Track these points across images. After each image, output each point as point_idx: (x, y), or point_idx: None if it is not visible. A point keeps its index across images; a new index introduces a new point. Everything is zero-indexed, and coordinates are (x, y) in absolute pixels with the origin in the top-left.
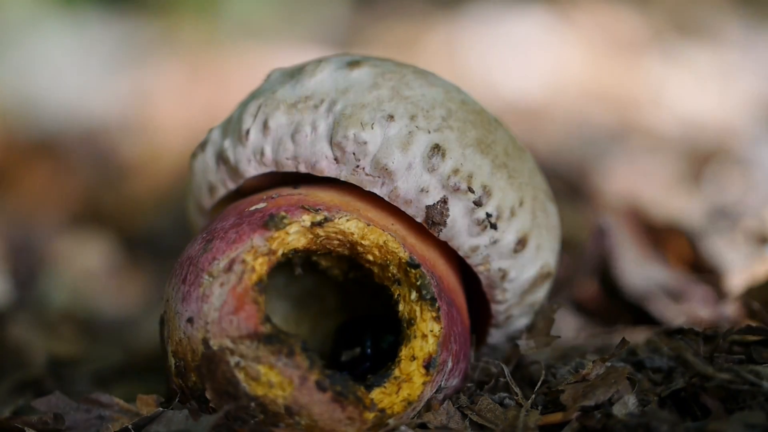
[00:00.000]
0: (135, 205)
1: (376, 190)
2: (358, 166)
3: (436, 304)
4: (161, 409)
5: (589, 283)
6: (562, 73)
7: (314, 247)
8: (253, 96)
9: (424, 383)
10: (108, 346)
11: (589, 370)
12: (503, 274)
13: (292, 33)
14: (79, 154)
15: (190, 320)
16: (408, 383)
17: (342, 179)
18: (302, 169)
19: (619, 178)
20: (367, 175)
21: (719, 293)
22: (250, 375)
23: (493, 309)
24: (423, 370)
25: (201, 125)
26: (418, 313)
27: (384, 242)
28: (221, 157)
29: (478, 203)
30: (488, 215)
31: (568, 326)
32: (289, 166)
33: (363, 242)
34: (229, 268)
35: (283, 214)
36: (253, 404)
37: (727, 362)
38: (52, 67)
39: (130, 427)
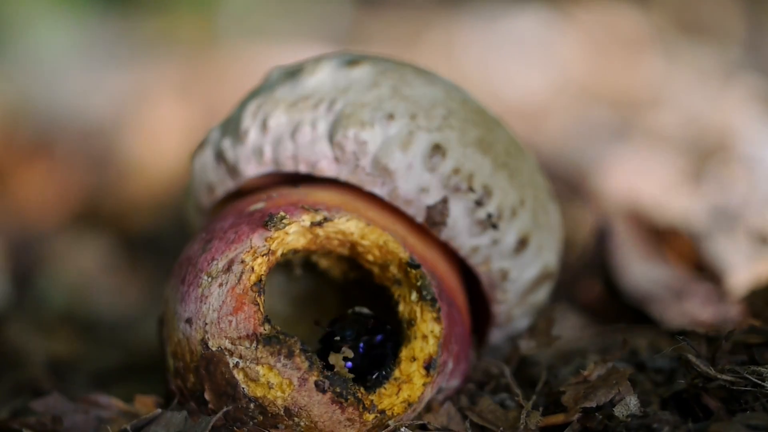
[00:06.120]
0: (134, 205)
1: (376, 190)
2: (358, 166)
3: (437, 305)
4: (160, 410)
5: (591, 283)
6: (562, 72)
7: (314, 247)
8: (253, 95)
9: (424, 384)
10: (107, 346)
11: (591, 371)
12: (504, 275)
13: (291, 31)
14: (77, 154)
15: (188, 321)
16: (408, 384)
17: (342, 179)
18: (302, 168)
19: (619, 178)
20: (367, 174)
21: (721, 293)
22: (249, 376)
23: (494, 309)
24: (423, 371)
25: (200, 125)
26: (418, 314)
27: (384, 242)
28: (220, 157)
29: (478, 203)
30: (489, 215)
31: (569, 327)
32: (288, 166)
33: (363, 242)
34: (227, 269)
35: (282, 214)
36: (252, 405)
37: (729, 363)
38: (50, 67)
39: (128, 428)
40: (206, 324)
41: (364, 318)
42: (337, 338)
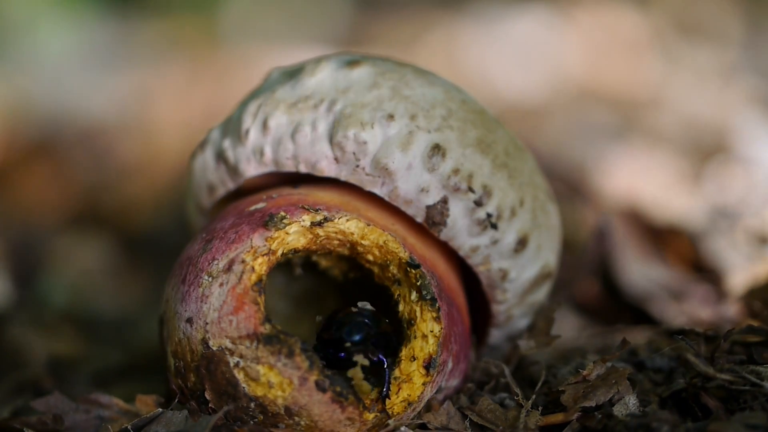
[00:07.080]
0: (134, 205)
1: (376, 190)
2: (358, 166)
3: (437, 305)
4: (160, 409)
5: (590, 283)
6: (562, 73)
7: (314, 247)
8: (253, 95)
9: (424, 384)
10: (108, 346)
11: (590, 371)
12: (504, 274)
13: (292, 32)
14: (78, 154)
15: (189, 320)
16: (408, 384)
17: (342, 179)
18: (302, 168)
19: (619, 178)
20: (367, 174)
21: (720, 293)
22: (249, 375)
23: (494, 309)
24: (423, 371)
25: (201, 125)
26: (418, 314)
27: (384, 242)
28: (221, 157)
29: (478, 203)
30: (489, 215)
31: (568, 326)
32: (289, 166)
33: (363, 242)
34: (228, 268)
35: (282, 213)
36: (252, 405)
37: (728, 363)
38: (52, 68)
39: (129, 427)
40: (207, 323)
41: (369, 317)
42: (348, 344)
